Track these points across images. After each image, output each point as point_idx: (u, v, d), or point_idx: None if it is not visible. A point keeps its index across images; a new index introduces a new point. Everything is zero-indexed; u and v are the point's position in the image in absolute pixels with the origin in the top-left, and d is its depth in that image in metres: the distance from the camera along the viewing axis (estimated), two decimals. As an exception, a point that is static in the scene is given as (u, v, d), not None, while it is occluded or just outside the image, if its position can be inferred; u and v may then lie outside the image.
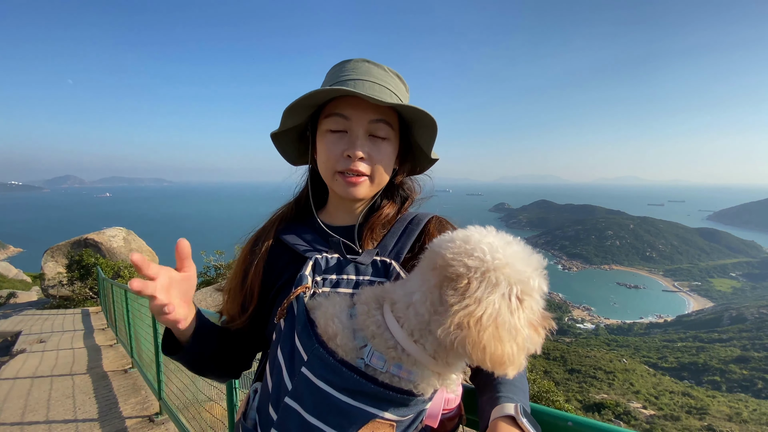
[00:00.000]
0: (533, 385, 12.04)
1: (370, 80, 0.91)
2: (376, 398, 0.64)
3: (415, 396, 0.66)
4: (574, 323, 79.64)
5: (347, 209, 1.04)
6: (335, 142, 0.93)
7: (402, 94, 0.97)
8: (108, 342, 7.88)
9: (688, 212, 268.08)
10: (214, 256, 14.63)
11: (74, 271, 13.71)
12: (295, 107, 0.91)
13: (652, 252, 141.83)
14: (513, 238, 0.66)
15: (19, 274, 30.22)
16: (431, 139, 0.97)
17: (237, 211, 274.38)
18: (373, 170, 0.95)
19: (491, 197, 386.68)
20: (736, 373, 46.11)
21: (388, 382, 0.65)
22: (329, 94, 0.89)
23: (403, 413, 0.67)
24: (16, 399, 4.90)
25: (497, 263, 0.61)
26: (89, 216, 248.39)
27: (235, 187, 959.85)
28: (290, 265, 0.97)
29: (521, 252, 0.64)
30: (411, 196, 1.10)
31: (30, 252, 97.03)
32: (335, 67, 0.97)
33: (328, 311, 0.72)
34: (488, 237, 0.65)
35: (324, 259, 0.88)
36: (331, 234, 0.98)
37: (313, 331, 0.70)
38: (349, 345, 0.68)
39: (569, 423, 0.75)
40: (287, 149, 1.08)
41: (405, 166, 1.07)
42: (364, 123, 0.92)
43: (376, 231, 0.99)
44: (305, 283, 0.79)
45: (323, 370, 0.66)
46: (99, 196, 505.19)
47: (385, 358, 0.66)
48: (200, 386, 3.42)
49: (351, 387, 0.64)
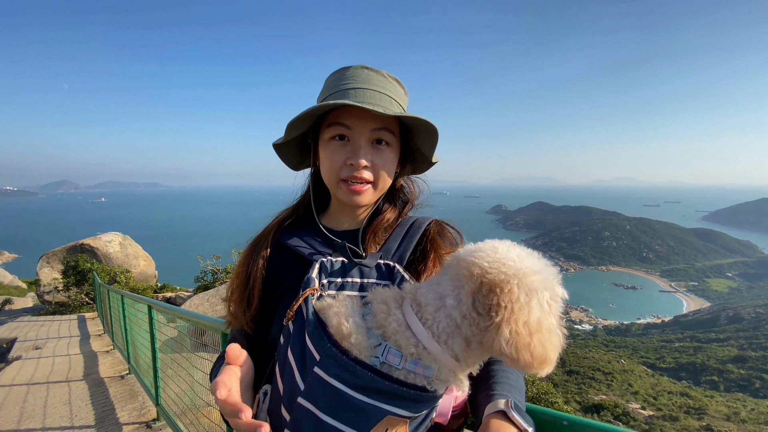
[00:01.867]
0: (532, 386, 12.06)
1: (370, 88, 0.92)
2: (390, 395, 0.66)
3: (428, 392, 0.68)
4: (572, 324, 79.59)
5: (350, 214, 1.05)
6: (338, 150, 0.94)
7: (402, 99, 0.98)
8: (104, 348, 7.83)
9: (684, 213, 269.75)
10: (211, 260, 14.57)
11: (70, 277, 13.60)
12: (300, 120, 0.91)
13: (649, 253, 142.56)
14: (528, 249, 0.71)
15: (14, 281, 29.93)
16: (432, 145, 0.98)
17: (233, 216, 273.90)
18: (376, 177, 0.96)
19: (488, 199, 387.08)
20: (733, 372, 46.20)
21: (402, 378, 0.67)
22: (333, 107, 0.90)
23: (416, 409, 0.68)
24: (12, 406, 4.86)
25: (529, 271, 0.65)
26: (85, 221, 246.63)
27: (231, 191, 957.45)
28: (293, 269, 0.97)
29: (542, 261, 0.69)
30: (411, 200, 1.11)
31: (25, 258, 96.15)
32: (334, 74, 0.98)
33: (340, 311, 0.74)
34: (513, 248, 0.70)
35: (329, 262, 0.90)
36: (334, 238, 0.98)
37: (324, 331, 0.71)
38: (363, 344, 0.70)
39: (564, 422, 0.76)
40: (288, 156, 1.08)
41: (405, 168, 1.08)
42: (366, 132, 0.93)
43: (379, 235, 1.00)
44: (313, 285, 0.80)
45: (337, 369, 0.67)
46: (94, 200, 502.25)
47: (403, 354, 0.69)
48: (198, 391, 3.40)
49: (365, 384, 0.65)
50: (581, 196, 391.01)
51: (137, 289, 13.91)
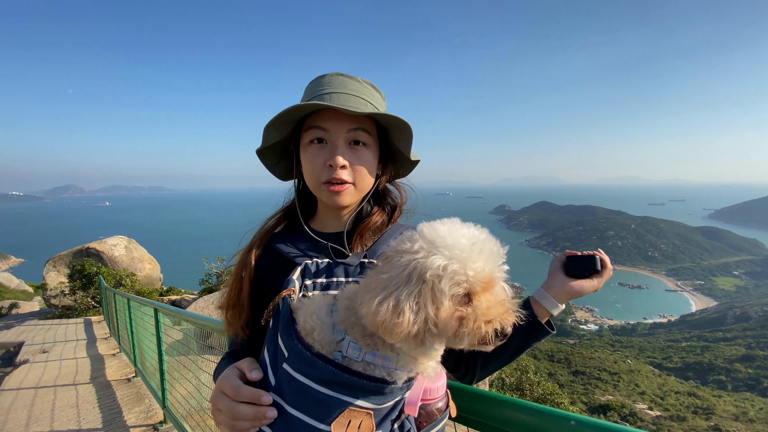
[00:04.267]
0: (537, 387, 12.06)
1: (345, 92, 0.97)
2: (350, 387, 0.69)
3: (388, 384, 0.71)
4: (578, 324, 79.20)
5: (335, 216, 1.09)
6: (317, 153, 0.98)
7: (378, 103, 1.03)
8: (111, 351, 7.88)
9: (689, 211, 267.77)
10: (215, 263, 14.62)
11: (76, 281, 13.68)
12: (275, 123, 0.96)
13: (654, 252, 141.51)
14: (453, 224, 0.73)
15: (20, 285, 30.16)
16: (408, 142, 1.02)
17: (237, 218, 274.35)
18: (355, 177, 1.00)
19: (492, 199, 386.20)
20: (741, 372, 45.77)
21: (362, 371, 0.70)
22: (306, 109, 0.95)
23: (378, 401, 0.71)
24: (20, 410, 4.90)
25: (437, 255, 0.69)
26: (90, 225, 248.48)
27: (235, 193, 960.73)
28: (283, 273, 0.99)
29: (454, 236, 0.71)
30: (399, 205, 1.15)
31: (32, 262, 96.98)
32: (312, 82, 1.03)
33: (308, 309, 0.78)
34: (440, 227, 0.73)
35: (314, 264, 0.95)
36: (319, 239, 1.03)
37: (293, 328, 0.75)
38: (326, 339, 0.73)
39: (572, 422, 0.76)
40: (273, 165, 1.13)
41: (388, 169, 1.13)
42: (342, 133, 0.97)
43: (366, 237, 1.04)
44: (291, 287, 0.85)
45: (300, 363, 0.71)
46: (100, 205, 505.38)
47: (361, 346, 0.71)
48: (205, 394, 3.42)
49: (327, 378, 0.69)
50: (585, 196, 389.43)
51: (143, 292, 13.97)
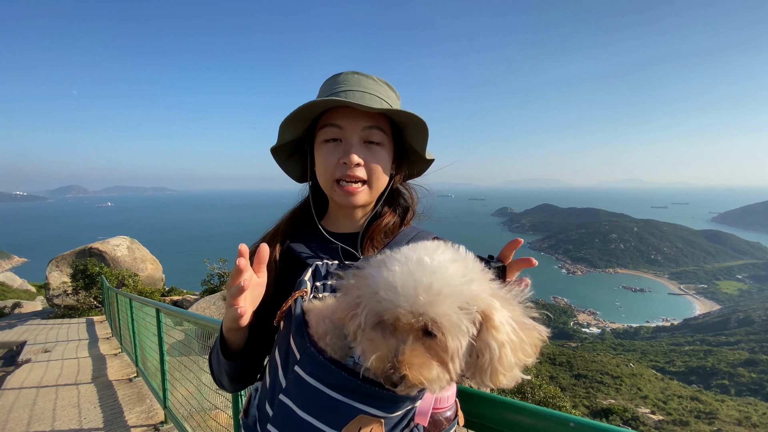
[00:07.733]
0: (539, 390, 11.97)
1: (360, 90, 0.96)
2: (362, 394, 0.67)
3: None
4: (580, 328, 78.96)
5: (348, 216, 1.08)
6: (331, 151, 0.98)
7: (392, 101, 1.02)
8: (113, 351, 7.90)
9: (692, 214, 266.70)
10: (217, 264, 14.66)
11: (79, 281, 13.76)
12: (291, 120, 0.95)
13: (657, 255, 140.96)
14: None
15: (23, 284, 30.31)
16: (424, 140, 1.01)
17: (240, 219, 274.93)
18: (370, 175, 0.99)
19: (494, 202, 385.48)
20: (744, 376, 45.49)
21: (374, 377, 0.67)
22: (322, 106, 0.94)
23: (390, 410, 0.69)
24: (21, 409, 4.91)
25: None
26: (93, 225, 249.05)
27: (238, 194, 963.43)
28: (293, 273, 0.99)
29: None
30: (411, 206, 1.13)
31: (34, 262, 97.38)
32: (328, 80, 1.03)
33: (321, 313, 0.77)
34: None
35: (324, 266, 0.93)
36: (332, 240, 1.02)
37: (306, 331, 0.74)
38: (338, 344, 0.72)
39: (571, 424, 0.76)
40: (289, 165, 1.13)
41: (402, 169, 1.12)
42: (357, 130, 0.97)
43: (377, 239, 1.03)
44: (303, 288, 0.84)
45: (313, 367, 0.70)
46: (102, 205, 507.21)
47: None
48: (205, 394, 3.42)
49: (339, 383, 0.68)
50: (587, 198, 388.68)
51: (145, 292, 14.02)
